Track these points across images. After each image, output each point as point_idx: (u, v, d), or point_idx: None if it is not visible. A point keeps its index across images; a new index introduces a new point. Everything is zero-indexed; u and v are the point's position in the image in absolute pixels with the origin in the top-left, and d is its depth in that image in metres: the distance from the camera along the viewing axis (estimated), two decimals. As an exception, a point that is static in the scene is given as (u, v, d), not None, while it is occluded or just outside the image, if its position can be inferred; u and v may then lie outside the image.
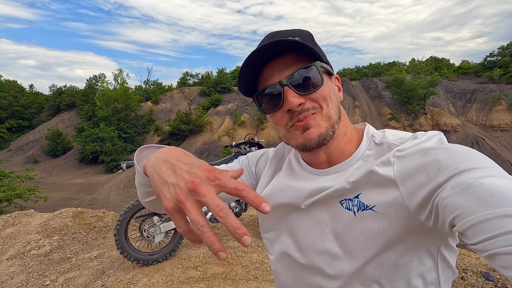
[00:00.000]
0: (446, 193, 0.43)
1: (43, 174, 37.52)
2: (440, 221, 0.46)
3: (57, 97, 55.35)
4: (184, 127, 39.18)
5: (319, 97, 0.57)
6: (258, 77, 0.61)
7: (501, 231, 0.35)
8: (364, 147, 0.61)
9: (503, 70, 39.40)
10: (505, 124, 33.03)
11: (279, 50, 0.56)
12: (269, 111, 0.61)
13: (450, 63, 52.68)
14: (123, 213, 2.64)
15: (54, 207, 26.15)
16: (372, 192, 0.55)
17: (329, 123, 0.58)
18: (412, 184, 0.50)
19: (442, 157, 0.47)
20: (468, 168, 0.43)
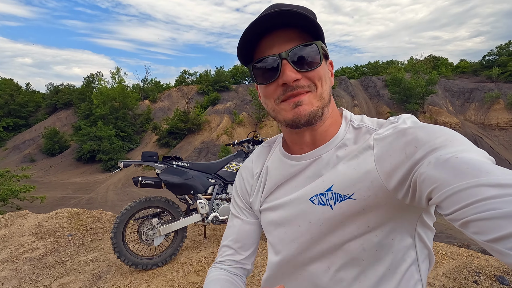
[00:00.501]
0: (423, 168, 0.45)
1: (40, 173, 37.18)
2: (417, 196, 0.48)
3: (54, 95, 54.82)
4: (182, 125, 38.92)
5: (316, 76, 0.58)
6: (256, 46, 0.60)
7: (474, 199, 0.37)
8: (343, 130, 0.62)
9: (501, 69, 39.45)
10: (503, 123, 33.09)
11: (282, 23, 0.56)
12: (263, 81, 0.60)
13: (448, 62, 52.72)
14: (121, 215, 2.50)
15: (51, 207, 25.89)
16: (348, 180, 0.55)
17: (321, 103, 0.59)
18: (390, 164, 0.51)
19: (419, 135, 0.49)
20: (444, 144, 0.45)
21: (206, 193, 2.86)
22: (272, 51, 0.57)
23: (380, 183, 0.52)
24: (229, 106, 43.28)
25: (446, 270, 2.84)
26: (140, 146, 42.62)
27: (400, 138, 0.52)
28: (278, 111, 0.61)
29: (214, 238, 3.27)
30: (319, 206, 0.59)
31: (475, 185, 0.38)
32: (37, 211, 19.61)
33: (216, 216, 2.82)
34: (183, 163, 2.79)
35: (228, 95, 47.04)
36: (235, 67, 57.82)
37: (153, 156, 2.66)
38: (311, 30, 0.57)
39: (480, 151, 0.44)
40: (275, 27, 0.57)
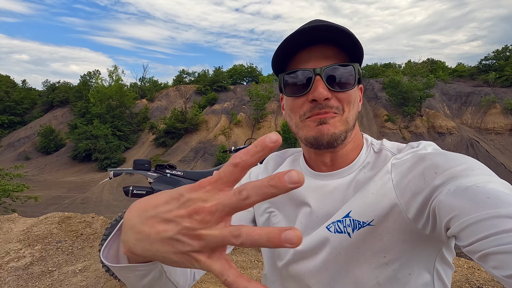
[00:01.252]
0: (442, 196, 0.43)
1: (34, 171, 36.79)
2: (437, 225, 0.46)
3: (50, 93, 54.35)
4: (179, 125, 38.73)
5: (345, 99, 0.56)
6: (292, 57, 0.59)
7: (494, 231, 0.35)
8: (364, 154, 0.62)
9: (498, 74, 39.74)
10: (500, 127, 33.31)
11: (323, 38, 0.54)
12: (292, 94, 0.58)
13: (446, 65, 53.04)
14: (110, 226, 2.38)
15: (45, 206, 25.59)
16: (367, 205, 0.53)
17: (345, 127, 0.57)
18: (410, 190, 0.49)
19: (439, 161, 0.48)
20: (465, 173, 0.44)
21: (200, 203, 2.75)
22: (308, 65, 0.56)
23: (400, 209, 0.50)
24: (227, 106, 43.16)
25: (448, 286, 2.75)
26: (137, 145, 42.34)
27: (419, 163, 0.50)
28: (302, 127, 0.59)
29: (209, 249, 3.16)
30: (336, 234, 0.55)
31: (495, 216, 0.36)
32: (31, 210, 19.41)
33: (211, 227, 2.71)
34: (177, 172, 2.68)
35: (226, 95, 46.91)
36: (234, 67, 57.72)
37: (146, 164, 2.54)
38: (351, 50, 0.56)
39: (504, 183, 0.43)
40: (315, 41, 0.55)
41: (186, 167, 32.47)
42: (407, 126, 35.18)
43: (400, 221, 0.50)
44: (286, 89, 0.59)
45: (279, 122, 35.63)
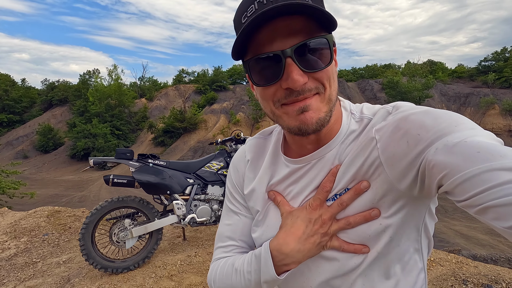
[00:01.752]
0: (430, 156, 0.43)
1: (32, 169, 36.72)
2: (426, 184, 0.45)
3: (49, 91, 54.29)
4: (178, 124, 38.66)
5: (324, 76, 0.49)
6: (253, 38, 0.48)
7: (490, 184, 0.35)
8: (346, 124, 0.58)
9: (497, 75, 39.73)
10: (498, 128, 33.29)
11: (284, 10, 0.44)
12: (262, 83, 0.50)
13: (445, 66, 53.04)
14: (90, 215, 2.36)
15: (42, 204, 25.38)
16: (359, 176, 0.53)
17: (328, 106, 0.51)
18: (393, 155, 0.48)
19: (420, 120, 0.46)
20: (448, 129, 0.43)
21: (184, 194, 2.73)
22: (273, 47, 0.47)
23: (386, 175, 0.50)
24: (226, 106, 43.11)
25: (433, 278, 2.74)
26: (136, 144, 42.29)
27: (401, 126, 0.48)
28: (279, 115, 0.53)
29: (194, 241, 3.14)
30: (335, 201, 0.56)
31: (489, 170, 0.36)
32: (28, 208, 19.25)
33: (194, 218, 2.69)
34: (160, 162, 2.66)
35: (225, 95, 46.88)
36: (233, 67, 57.65)
37: (127, 153, 2.52)
38: (320, 17, 0.47)
39: (488, 134, 0.42)
40: (276, 15, 0.45)
41: (185, 166, 32.42)
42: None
43: (388, 186, 0.50)
44: (253, 77, 0.51)
45: (278, 122, 35.48)
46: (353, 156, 0.54)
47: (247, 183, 0.69)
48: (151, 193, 2.56)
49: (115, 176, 2.45)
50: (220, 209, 2.87)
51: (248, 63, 0.50)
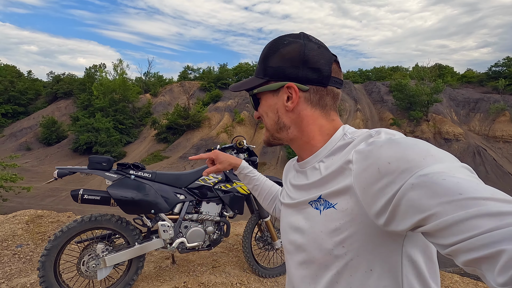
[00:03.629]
0: (407, 190, 0.43)
1: (34, 162, 36.62)
2: (397, 218, 0.46)
3: (54, 84, 54.21)
4: (182, 121, 38.32)
5: (260, 113, 0.74)
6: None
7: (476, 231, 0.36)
8: (333, 142, 0.65)
9: (507, 81, 38.73)
10: (508, 136, 32.40)
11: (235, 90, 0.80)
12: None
13: (454, 71, 51.96)
14: (53, 238, 1.90)
15: (42, 198, 25.34)
16: (333, 191, 0.57)
17: (268, 133, 0.74)
18: (365, 180, 0.51)
19: (392, 150, 0.48)
20: (420, 162, 0.43)
21: (172, 213, 2.26)
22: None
23: (357, 198, 0.52)
24: (230, 104, 42.63)
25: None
26: (139, 140, 42.00)
27: (374, 153, 0.51)
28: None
29: (184, 265, 2.67)
30: (314, 210, 0.62)
31: (474, 216, 0.36)
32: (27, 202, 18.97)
33: (183, 243, 2.22)
34: (144, 173, 2.19)
35: (230, 93, 46.36)
36: (239, 65, 57.10)
37: (103, 162, 2.05)
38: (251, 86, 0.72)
39: (464, 168, 0.43)
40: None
41: (187, 164, 32.02)
42: (413, 131, 34.37)
43: (357, 210, 0.52)
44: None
45: (282, 122, 34.93)
46: (329, 172, 0.59)
47: None
48: (131, 213, 2.08)
49: (86, 191, 1.99)
50: (216, 231, 2.39)
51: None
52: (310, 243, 0.61)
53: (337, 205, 0.56)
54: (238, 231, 3.51)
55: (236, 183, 2.46)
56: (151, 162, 33.88)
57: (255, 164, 2.59)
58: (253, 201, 2.64)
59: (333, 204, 0.57)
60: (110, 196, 1.98)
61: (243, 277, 2.49)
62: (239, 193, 2.45)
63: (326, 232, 0.57)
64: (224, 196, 2.40)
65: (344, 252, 0.54)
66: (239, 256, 2.93)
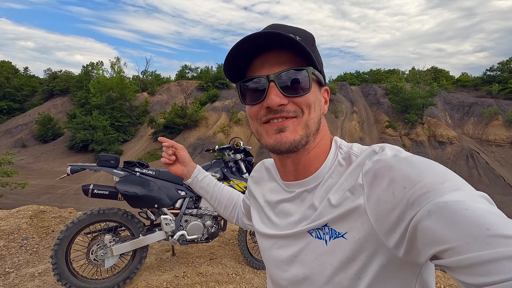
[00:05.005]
0: (424, 217, 0.39)
1: (30, 159, 36.47)
2: (416, 247, 0.42)
3: (51, 81, 53.92)
4: (179, 120, 38.38)
5: (303, 102, 0.55)
6: (248, 65, 0.59)
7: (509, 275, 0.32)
8: (330, 160, 0.59)
9: (501, 86, 39.39)
10: (501, 140, 32.97)
11: (275, 43, 0.54)
12: (249, 102, 0.59)
13: (450, 74, 52.65)
14: (65, 229, 2.08)
15: (38, 195, 25.29)
16: (341, 217, 0.51)
17: (305, 131, 0.56)
18: (379, 205, 0.46)
19: (406, 171, 0.44)
20: (438, 187, 0.40)
21: (174, 207, 2.45)
22: (262, 72, 0.56)
23: (370, 226, 0.47)
24: (227, 104, 42.80)
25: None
26: (135, 138, 41.99)
27: (386, 174, 0.47)
28: (261, 133, 0.59)
29: (184, 257, 2.86)
30: (316, 239, 0.55)
31: (506, 257, 0.32)
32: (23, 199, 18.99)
33: (184, 235, 2.41)
34: (148, 171, 2.38)
35: (228, 93, 46.55)
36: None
37: (111, 160, 2.24)
38: (304, 55, 0.55)
39: (483, 198, 0.39)
40: (269, 47, 0.55)
41: (183, 163, 32.10)
42: (408, 134, 34.82)
43: (371, 239, 0.47)
44: (243, 97, 0.60)
45: (279, 123, 35.20)
46: (335, 196, 0.53)
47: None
48: (136, 207, 2.28)
49: (96, 186, 2.17)
50: (213, 226, 2.59)
51: (239, 85, 0.60)
52: (317, 277, 0.54)
53: (347, 234, 0.50)
54: (234, 227, 3.71)
55: (233, 181, 2.65)
56: (148, 160, 33.92)
57: (251, 164, 2.79)
58: (249, 198, 2.83)
59: (342, 234, 0.51)
60: (118, 191, 2.17)
61: (238, 268, 2.69)
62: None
63: (337, 265, 0.51)
64: (222, 193, 2.59)
65: (359, 284, 0.49)
66: (235, 249, 3.12)
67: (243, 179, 2.69)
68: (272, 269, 0.65)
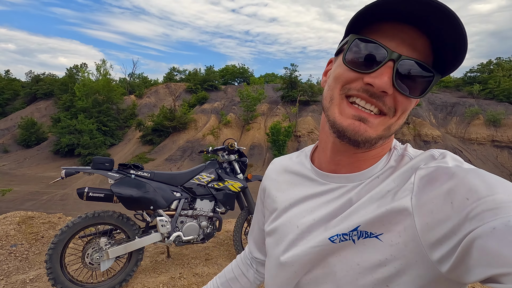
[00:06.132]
0: (485, 234, 0.34)
1: (13, 165, 35.28)
2: (465, 264, 0.36)
3: (34, 84, 52.38)
4: (167, 123, 37.98)
5: (403, 104, 0.47)
6: (378, 24, 0.46)
7: None
8: (385, 160, 0.53)
9: (482, 86, 40.90)
10: (482, 138, 34.24)
11: (426, 23, 0.42)
12: (350, 64, 0.48)
13: (433, 76, 54.16)
14: (60, 233, 2.07)
15: (21, 202, 24.47)
16: (378, 220, 0.46)
17: (384, 133, 0.49)
18: (431, 214, 0.41)
19: (472, 182, 0.39)
20: (509, 204, 0.34)
21: (169, 209, 2.47)
22: (391, 44, 0.45)
23: (414, 232, 0.42)
24: (216, 106, 42.68)
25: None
26: (123, 142, 41.27)
27: (446, 181, 0.41)
28: (336, 104, 0.49)
29: (179, 258, 2.87)
30: (340, 244, 0.49)
31: None
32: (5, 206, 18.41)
33: (179, 236, 2.43)
34: (143, 173, 2.39)
35: (217, 95, 46.45)
36: (226, 67, 57.33)
37: (106, 163, 2.23)
38: (446, 57, 0.44)
39: None
40: (414, 21, 0.43)
41: (173, 166, 31.79)
42: (395, 133, 35.62)
43: (413, 247, 0.42)
44: (348, 54, 0.48)
45: (268, 124, 35.44)
46: (381, 198, 0.47)
47: None
48: (132, 209, 2.28)
49: (91, 189, 2.17)
50: (209, 226, 2.61)
51: (355, 39, 0.48)
52: (339, 275, 0.49)
53: (383, 236, 0.45)
54: (228, 228, 3.73)
55: (228, 181, 2.69)
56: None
57: (245, 164, 2.84)
58: (243, 198, 2.88)
59: (376, 234, 0.45)
60: (113, 194, 2.17)
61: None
62: (230, 191, 2.68)
63: (365, 266, 0.46)
64: (216, 193, 2.62)
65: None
66: (230, 250, 3.15)
67: (237, 180, 2.73)
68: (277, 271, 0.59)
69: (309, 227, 0.55)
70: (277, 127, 31.87)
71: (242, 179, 2.76)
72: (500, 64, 43.55)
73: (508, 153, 32.50)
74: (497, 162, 32.13)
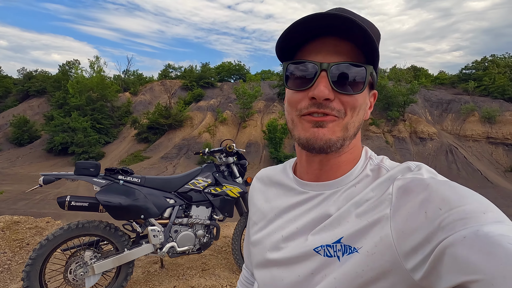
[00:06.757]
0: (457, 242, 0.36)
1: (5, 164, 34.61)
2: (437, 272, 0.38)
3: (26, 81, 51.38)
4: (163, 121, 37.54)
5: (350, 103, 0.51)
6: (303, 46, 0.53)
7: None
8: (359, 168, 0.56)
9: (477, 83, 41.08)
10: (477, 135, 34.42)
11: (340, 29, 0.48)
12: (292, 87, 0.53)
13: (428, 73, 54.42)
14: (39, 247, 1.85)
15: (14, 201, 23.98)
16: (358, 231, 0.48)
17: (342, 134, 0.52)
18: (406, 221, 0.43)
19: (444, 193, 0.41)
20: (480, 215, 0.37)
21: (162, 217, 2.26)
22: (316, 57, 0.50)
23: (390, 241, 0.44)
24: (212, 104, 42.30)
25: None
26: (118, 140, 40.73)
27: (420, 192, 0.44)
28: (296, 125, 0.54)
29: (173, 269, 2.66)
30: (325, 258, 0.50)
31: None
32: (-3, 205, 17.68)
33: (174, 247, 2.22)
34: (133, 178, 2.17)
35: (213, 92, 46.02)
36: (222, 64, 56.80)
37: (91, 168, 2.01)
38: (367, 50, 0.49)
39: None
40: (330, 32, 0.49)
41: (168, 164, 31.46)
42: (391, 130, 35.67)
43: (389, 256, 0.44)
44: (288, 80, 0.54)
45: (265, 121, 35.21)
46: (361, 210, 0.49)
47: None
48: (120, 219, 2.07)
49: (73, 197, 1.95)
50: (206, 235, 2.41)
51: (288, 64, 0.53)
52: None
53: (362, 248, 0.46)
54: (226, 233, 3.54)
55: (226, 186, 2.49)
56: (131, 162, 32.99)
57: (244, 167, 2.63)
58: (242, 204, 2.67)
59: (357, 248, 0.46)
60: (99, 202, 1.95)
61: (233, 279, 2.52)
62: (228, 196, 2.47)
63: (341, 278, 0.47)
64: (214, 199, 2.42)
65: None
66: (228, 258, 2.95)
67: (236, 184, 2.53)
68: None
69: (293, 235, 0.56)
70: (274, 125, 31.68)
71: (241, 184, 2.56)
72: (495, 61, 43.77)
73: (503, 150, 32.73)
74: (492, 159, 32.34)
